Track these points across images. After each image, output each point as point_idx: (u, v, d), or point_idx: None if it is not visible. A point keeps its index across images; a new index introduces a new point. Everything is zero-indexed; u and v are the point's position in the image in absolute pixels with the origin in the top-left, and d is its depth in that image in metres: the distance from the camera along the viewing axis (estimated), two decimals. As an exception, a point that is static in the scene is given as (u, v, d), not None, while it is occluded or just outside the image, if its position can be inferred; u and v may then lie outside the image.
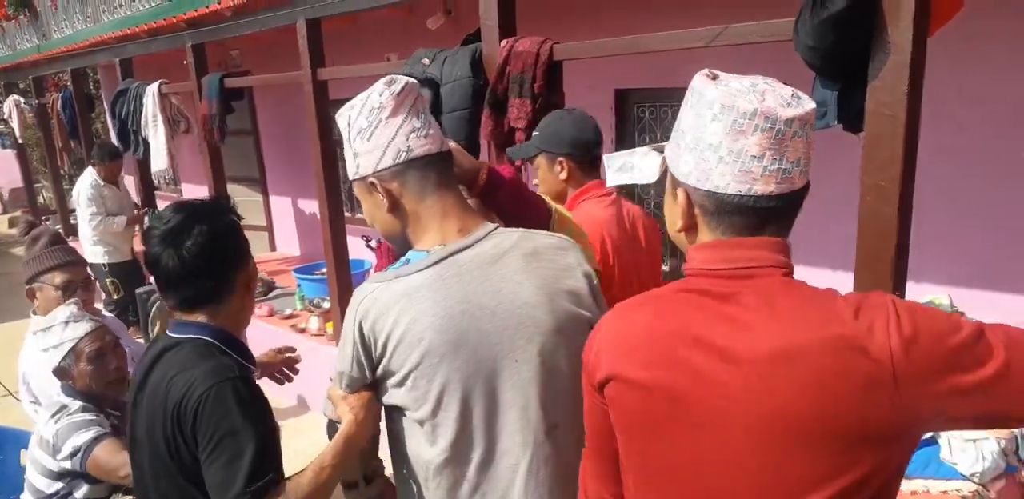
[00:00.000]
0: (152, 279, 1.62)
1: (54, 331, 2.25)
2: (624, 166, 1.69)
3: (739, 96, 0.99)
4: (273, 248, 7.66)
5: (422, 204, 1.42)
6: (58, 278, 2.62)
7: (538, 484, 1.37)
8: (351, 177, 1.48)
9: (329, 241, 4.24)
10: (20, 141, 10.26)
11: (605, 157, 1.84)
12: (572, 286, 1.43)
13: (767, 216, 1.03)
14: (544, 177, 2.31)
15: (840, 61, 1.82)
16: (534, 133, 2.33)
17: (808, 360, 0.94)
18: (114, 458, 2.06)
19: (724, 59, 1.72)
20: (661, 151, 1.55)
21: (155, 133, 5.70)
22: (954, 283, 2.99)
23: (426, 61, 3.08)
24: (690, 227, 1.09)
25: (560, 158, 2.25)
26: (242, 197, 8.14)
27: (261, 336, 5.29)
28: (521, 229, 1.47)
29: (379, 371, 1.40)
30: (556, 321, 1.39)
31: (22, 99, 9.31)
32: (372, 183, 1.42)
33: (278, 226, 7.52)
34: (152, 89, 5.62)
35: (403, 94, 1.39)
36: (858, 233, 1.95)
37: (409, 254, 1.44)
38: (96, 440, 2.11)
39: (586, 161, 2.27)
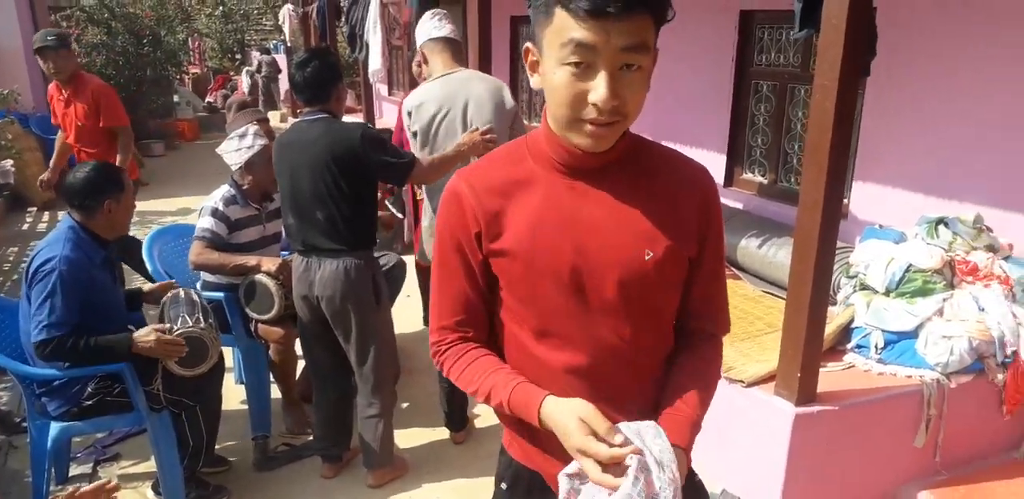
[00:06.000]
0: None
1: (248, 139, 3.35)
2: None
3: None
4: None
5: None
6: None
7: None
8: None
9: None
10: (288, 45, 12.02)
11: None
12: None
13: None
14: None
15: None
16: None
17: None
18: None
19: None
20: None
21: (373, 38, 6.70)
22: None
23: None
24: None
25: None
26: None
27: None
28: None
29: None
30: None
31: (292, 6, 10.91)
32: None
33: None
34: (375, -1, 6.61)
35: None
36: (807, 132, 2.33)
37: None
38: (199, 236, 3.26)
39: None
